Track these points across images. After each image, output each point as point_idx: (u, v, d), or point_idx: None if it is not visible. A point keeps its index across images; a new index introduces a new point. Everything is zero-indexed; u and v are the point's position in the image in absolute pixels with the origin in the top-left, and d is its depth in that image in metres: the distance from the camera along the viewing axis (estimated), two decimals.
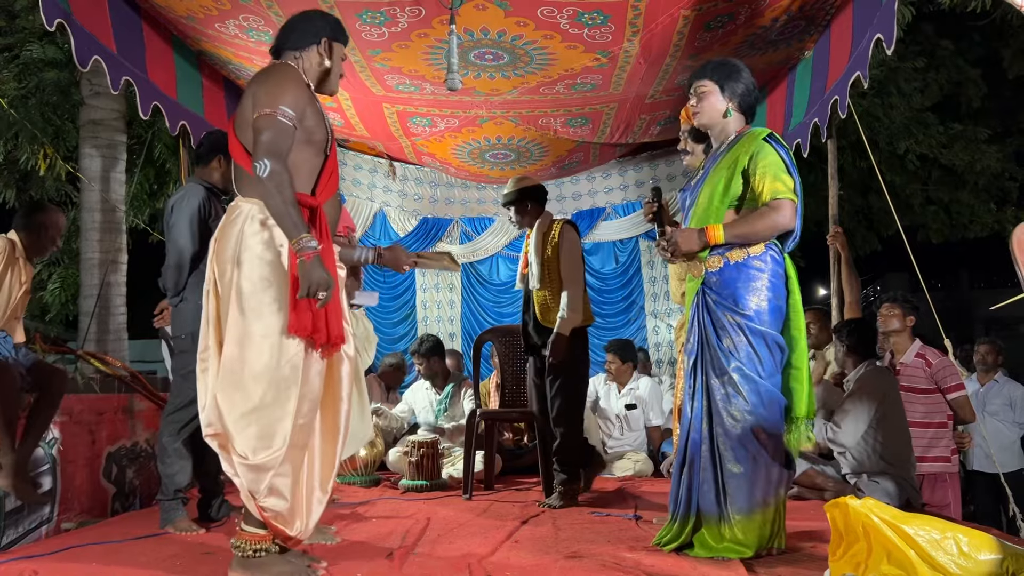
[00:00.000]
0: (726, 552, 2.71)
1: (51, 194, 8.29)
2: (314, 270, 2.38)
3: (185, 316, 3.47)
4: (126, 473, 4.20)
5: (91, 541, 3.08)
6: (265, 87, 2.51)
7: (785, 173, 2.80)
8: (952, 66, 9.32)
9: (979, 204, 9.62)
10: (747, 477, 2.73)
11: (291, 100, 2.49)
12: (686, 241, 2.85)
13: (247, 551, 2.47)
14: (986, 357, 6.18)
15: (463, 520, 3.66)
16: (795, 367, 2.84)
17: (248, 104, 2.53)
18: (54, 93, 7.37)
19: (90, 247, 5.70)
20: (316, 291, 2.39)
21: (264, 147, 2.42)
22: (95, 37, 3.92)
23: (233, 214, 2.53)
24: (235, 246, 2.47)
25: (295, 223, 2.40)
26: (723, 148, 2.96)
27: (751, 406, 2.74)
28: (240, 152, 2.57)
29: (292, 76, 2.56)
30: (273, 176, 2.40)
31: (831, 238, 4.86)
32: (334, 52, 2.69)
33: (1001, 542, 2.19)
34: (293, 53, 2.65)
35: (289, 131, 2.47)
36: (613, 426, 5.80)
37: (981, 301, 17.47)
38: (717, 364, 2.81)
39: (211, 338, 2.53)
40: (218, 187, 3.63)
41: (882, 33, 3.60)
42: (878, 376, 4.06)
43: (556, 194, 7.48)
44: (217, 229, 2.58)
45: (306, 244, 2.39)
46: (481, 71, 4.98)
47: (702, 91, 2.98)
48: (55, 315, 9.44)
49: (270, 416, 2.41)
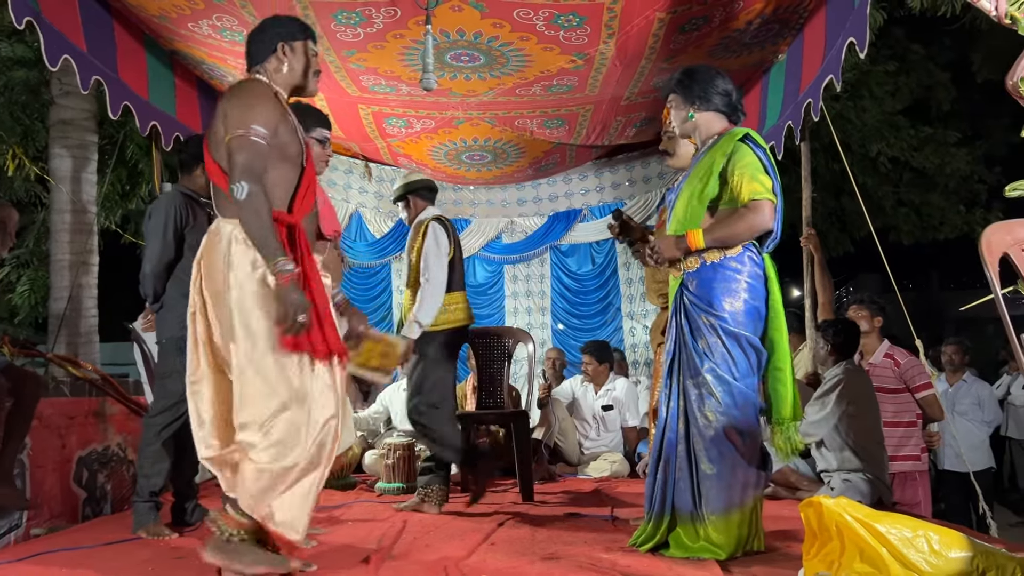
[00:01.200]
0: (701, 552, 2.72)
1: (20, 195, 8.16)
2: (290, 293, 2.37)
3: (166, 322, 3.47)
4: (97, 478, 4.14)
5: (61, 547, 3.03)
6: (234, 106, 2.49)
7: (763, 173, 2.81)
8: (923, 70, 9.46)
9: (949, 206, 9.77)
10: (721, 478, 2.74)
11: (261, 118, 2.47)
12: (667, 248, 2.89)
13: (225, 534, 2.45)
14: (953, 357, 6.28)
15: (439, 523, 3.65)
16: (778, 368, 2.85)
17: (219, 124, 2.51)
18: (23, 92, 7.26)
19: (60, 249, 5.63)
20: (294, 315, 2.37)
21: (240, 169, 2.41)
22: (65, 36, 3.86)
23: (215, 237, 2.51)
24: (223, 267, 2.45)
25: (272, 247, 2.39)
26: (703, 149, 2.99)
27: (724, 407, 2.75)
28: (216, 172, 2.55)
29: (260, 91, 2.54)
30: (251, 199, 2.39)
31: (804, 240, 4.90)
32: (295, 52, 2.65)
33: (971, 540, 2.22)
34: (256, 68, 2.63)
35: (263, 150, 2.46)
36: (589, 427, 5.82)
37: (951, 302, 17.71)
38: (692, 365, 2.82)
39: (203, 361, 2.51)
40: (201, 195, 3.60)
41: (854, 37, 3.63)
42: (859, 375, 4.10)
43: (533, 195, 7.49)
44: (200, 250, 2.56)
45: (282, 267, 2.38)
46: (457, 72, 4.98)
47: (669, 106, 3.10)
48: (24, 318, 9.30)
49: (288, 426, 2.40)
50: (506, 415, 4.85)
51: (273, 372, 2.41)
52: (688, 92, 3.00)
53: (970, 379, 6.59)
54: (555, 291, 7.56)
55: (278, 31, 2.65)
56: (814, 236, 4.92)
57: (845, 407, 3.97)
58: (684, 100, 3.01)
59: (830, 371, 4.17)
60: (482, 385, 4.85)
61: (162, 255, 3.45)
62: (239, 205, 2.40)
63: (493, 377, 4.80)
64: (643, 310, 7.24)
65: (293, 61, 2.64)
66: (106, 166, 6.76)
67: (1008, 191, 2.87)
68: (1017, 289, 2.47)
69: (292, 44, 2.64)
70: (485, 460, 4.32)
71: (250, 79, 2.61)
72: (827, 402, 4.01)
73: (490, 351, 4.81)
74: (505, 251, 7.65)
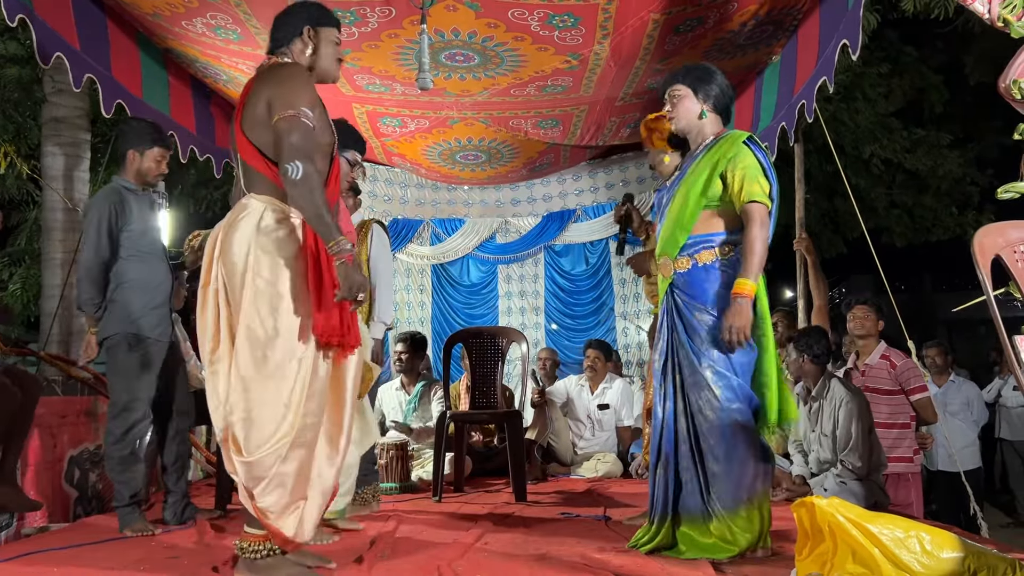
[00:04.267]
0: (713, 549, 2.72)
1: (12, 193, 8.12)
2: (354, 273, 2.38)
3: (113, 317, 3.41)
4: (89, 477, 4.13)
5: (52, 546, 3.02)
6: (281, 88, 2.48)
7: (762, 176, 2.84)
8: (915, 72, 9.49)
9: (941, 208, 9.80)
10: (729, 474, 2.76)
11: (308, 101, 2.47)
12: (743, 317, 2.74)
13: (251, 554, 2.43)
14: (936, 360, 6.32)
15: (433, 523, 3.65)
16: (764, 373, 2.85)
17: (262, 104, 2.48)
18: (15, 90, 7.22)
19: (52, 247, 5.59)
20: (356, 294, 2.39)
21: (294, 149, 2.39)
22: (58, 33, 3.85)
23: (242, 212, 2.49)
24: (248, 244, 2.43)
25: (330, 225, 2.39)
26: (700, 150, 2.98)
27: (725, 403, 2.77)
28: (252, 151, 2.52)
29: (303, 76, 2.55)
30: (307, 178, 2.37)
31: (797, 244, 4.92)
32: (320, 37, 2.65)
33: (963, 540, 2.23)
34: (282, 50, 2.63)
35: (312, 133, 2.45)
36: (584, 426, 5.82)
37: (943, 303, 17.76)
38: (689, 364, 2.83)
39: (224, 343, 2.45)
40: (140, 183, 3.58)
41: (848, 39, 3.65)
42: (857, 393, 4.11)
43: (527, 195, 7.50)
44: (219, 227, 2.53)
45: (344, 246, 2.38)
46: (452, 72, 4.97)
47: (676, 95, 3.00)
48: (16, 316, 9.25)
49: (274, 413, 2.38)
50: (499, 415, 4.85)
51: (276, 353, 2.39)
52: (706, 90, 2.98)
53: (958, 380, 6.65)
54: (549, 291, 7.56)
55: (304, 15, 2.65)
56: (807, 240, 4.94)
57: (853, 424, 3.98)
58: (698, 96, 2.98)
59: (831, 391, 4.11)
60: (475, 385, 4.85)
61: (96, 258, 3.40)
62: (293, 184, 2.38)
63: (486, 377, 4.80)
64: (636, 310, 7.25)
65: (320, 46, 2.65)
66: (99, 164, 6.73)
67: (1000, 193, 2.89)
68: (1009, 291, 2.48)
69: (317, 29, 2.64)
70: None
71: (290, 63, 2.59)
72: (840, 422, 4.01)
73: (483, 351, 4.81)
74: (499, 251, 7.65)
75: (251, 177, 2.55)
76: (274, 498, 2.39)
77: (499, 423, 5.40)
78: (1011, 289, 2.47)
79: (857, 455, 3.94)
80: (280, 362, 2.39)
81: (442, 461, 4.47)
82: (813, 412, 4.18)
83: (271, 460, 2.38)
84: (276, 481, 2.39)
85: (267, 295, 2.41)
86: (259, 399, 2.38)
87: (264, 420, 2.38)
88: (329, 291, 2.40)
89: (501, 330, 5.28)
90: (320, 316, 2.41)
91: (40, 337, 5.60)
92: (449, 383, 5.07)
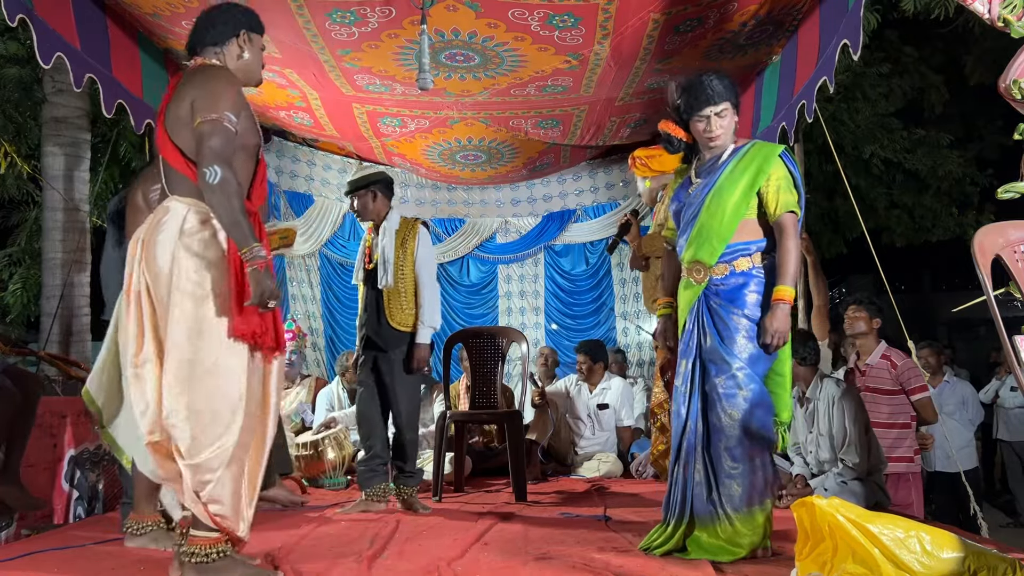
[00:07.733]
0: (719, 552, 2.73)
1: (12, 193, 8.11)
2: (265, 279, 2.38)
3: None
4: (88, 477, 4.13)
5: (52, 547, 3.01)
6: (204, 91, 2.47)
7: (794, 188, 2.93)
8: (915, 72, 9.49)
9: (941, 208, 9.79)
10: (745, 475, 2.78)
11: (232, 105, 2.46)
12: (783, 323, 2.81)
13: (202, 558, 2.40)
14: (929, 360, 6.32)
15: (433, 522, 3.65)
16: (779, 374, 2.90)
17: (186, 105, 2.48)
18: (15, 90, 7.21)
19: (52, 247, 5.59)
20: (267, 300, 2.39)
21: (213, 154, 2.39)
22: (58, 33, 3.85)
23: (164, 215, 2.48)
24: (173, 246, 2.42)
25: (246, 232, 2.39)
26: (727, 158, 2.96)
27: (750, 405, 2.80)
28: (174, 153, 2.52)
29: (229, 79, 2.55)
30: (224, 183, 2.38)
31: None
32: (253, 43, 2.67)
33: (963, 540, 2.23)
34: (213, 49, 2.62)
35: (233, 137, 2.46)
36: (584, 426, 5.81)
37: (943, 303, 17.74)
38: (718, 366, 2.85)
39: (149, 345, 2.44)
40: None
41: (848, 39, 3.65)
42: (849, 392, 4.11)
43: (527, 195, 7.50)
44: (142, 230, 2.52)
45: (257, 253, 2.39)
46: (452, 72, 4.97)
47: (724, 113, 2.94)
48: (16, 316, 9.24)
49: (218, 415, 2.38)
50: (499, 415, 4.85)
51: (210, 354, 2.39)
52: (737, 99, 3.00)
53: (952, 380, 6.66)
54: (549, 291, 7.56)
55: (242, 19, 2.65)
56: (807, 240, 4.93)
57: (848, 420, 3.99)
58: (735, 108, 2.99)
59: (824, 390, 4.12)
60: (475, 385, 4.85)
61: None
62: (211, 189, 2.38)
63: (486, 377, 4.80)
64: (636, 310, 7.25)
65: (251, 51, 2.66)
66: (99, 164, 6.73)
67: (1000, 193, 2.89)
68: (1009, 291, 2.49)
69: (251, 35, 2.66)
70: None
71: (219, 66, 2.59)
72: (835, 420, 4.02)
73: (483, 351, 4.81)
74: (499, 251, 7.65)
75: (173, 179, 2.55)
76: (225, 499, 2.37)
77: (499, 423, 5.40)
78: (1011, 289, 2.47)
79: (855, 452, 3.94)
80: (216, 360, 2.39)
81: (442, 461, 4.47)
82: (808, 413, 4.18)
83: (217, 462, 2.36)
84: (223, 482, 2.37)
85: (195, 295, 2.40)
86: (204, 396, 2.37)
87: (209, 419, 2.37)
88: (238, 292, 2.41)
89: (501, 330, 5.28)
90: (237, 318, 2.41)
91: (40, 337, 5.60)
92: (449, 383, 5.07)
